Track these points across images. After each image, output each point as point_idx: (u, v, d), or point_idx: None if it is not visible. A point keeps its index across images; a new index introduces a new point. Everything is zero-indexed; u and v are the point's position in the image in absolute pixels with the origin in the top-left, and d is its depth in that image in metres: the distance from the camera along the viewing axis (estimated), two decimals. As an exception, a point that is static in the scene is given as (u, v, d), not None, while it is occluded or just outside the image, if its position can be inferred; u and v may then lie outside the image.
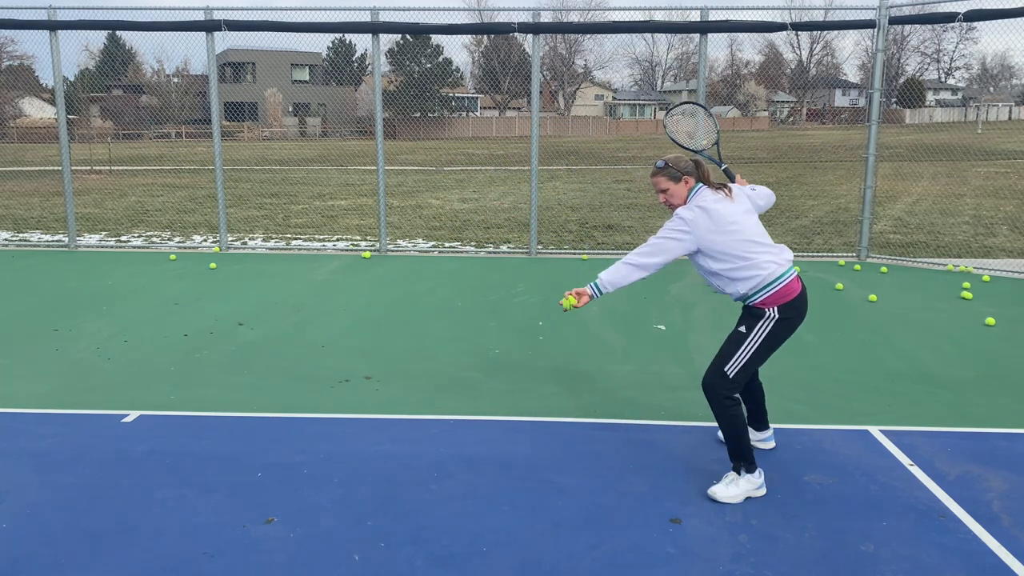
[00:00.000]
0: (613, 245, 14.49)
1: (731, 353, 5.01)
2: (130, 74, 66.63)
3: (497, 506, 4.95)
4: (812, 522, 4.77)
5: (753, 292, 4.96)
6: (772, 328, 4.98)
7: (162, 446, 5.80)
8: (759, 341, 4.98)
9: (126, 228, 16.90)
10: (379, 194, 13.63)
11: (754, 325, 4.99)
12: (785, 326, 5.01)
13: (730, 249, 4.92)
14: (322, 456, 5.63)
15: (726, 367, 4.99)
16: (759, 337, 4.98)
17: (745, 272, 4.93)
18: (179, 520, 4.76)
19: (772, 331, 4.98)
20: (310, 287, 11.07)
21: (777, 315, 4.96)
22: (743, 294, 4.99)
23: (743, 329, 5.02)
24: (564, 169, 30.23)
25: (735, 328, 5.10)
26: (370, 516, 4.82)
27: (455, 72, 71.18)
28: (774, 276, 4.95)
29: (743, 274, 4.93)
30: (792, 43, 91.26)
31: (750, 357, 4.99)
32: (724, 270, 4.96)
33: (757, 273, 4.93)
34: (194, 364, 7.72)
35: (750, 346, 4.98)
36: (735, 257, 4.93)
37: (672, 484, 5.24)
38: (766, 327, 4.97)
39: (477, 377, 7.36)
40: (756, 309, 4.99)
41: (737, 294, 5.02)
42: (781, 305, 4.96)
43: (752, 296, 4.97)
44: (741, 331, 5.03)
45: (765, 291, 4.94)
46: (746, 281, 4.94)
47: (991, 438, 6.03)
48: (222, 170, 13.93)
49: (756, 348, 4.99)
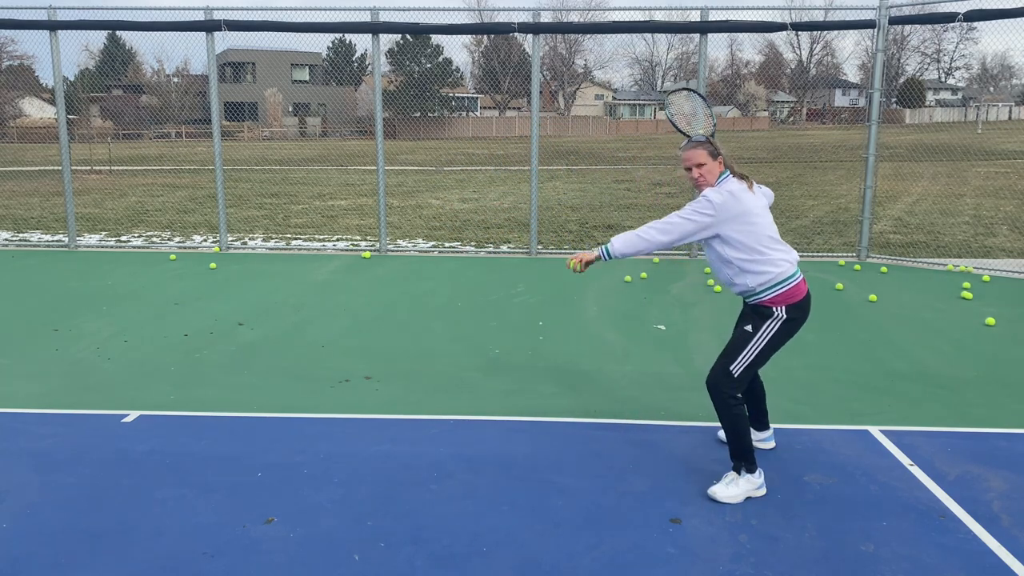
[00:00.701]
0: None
1: (737, 352, 5.00)
2: (130, 74, 66.66)
3: (497, 506, 4.95)
4: (812, 522, 4.77)
5: (762, 288, 4.95)
6: (779, 328, 4.98)
7: (162, 446, 5.79)
8: (765, 341, 4.98)
9: (126, 228, 16.89)
10: (379, 194, 13.63)
11: (760, 325, 4.98)
12: (790, 327, 5.01)
13: (749, 240, 4.91)
14: (322, 456, 5.63)
15: (731, 366, 4.99)
16: (765, 337, 4.98)
17: (759, 267, 4.92)
18: (179, 520, 4.76)
19: (778, 331, 4.99)
20: (310, 287, 11.07)
21: (784, 315, 4.96)
22: (751, 288, 4.98)
23: (749, 328, 5.01)
24: (564, 169, 30.24)
25: (739, 327, 5.10)
26: (370, 516, 4.82)
27: (455, 72, 71.20)
28: (785, 275, 4.95)
29: (757, 268, 4.92)
30: (792, 43, 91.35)
31: (755, 356, 4.99)
32: (739, 260, 4.93)
33: (770, 269, 4.92)
34: (194, 364, 7.72)
35: (756, 345, 4.98)
36: (752, 249, 4.91)
37: (672, 484, 5.24)
38: (773, 327, 4.97)
39: (477, 377, 7.36)
40: (763, 308, 4.98)
41: (745, 288, 5.01)
42: (789, 305, 4.96)
43: (760, 293, 4.97)
44: (747, 330, 5.02)
45: (775, 289, 4.94)
46: (758, 275, 4.93)
47: (991, 438, 6.02)
48: (222, 170, 13.93)
49: (762, 348, 4.99)
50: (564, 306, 9.93)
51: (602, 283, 11.15)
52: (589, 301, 10.16)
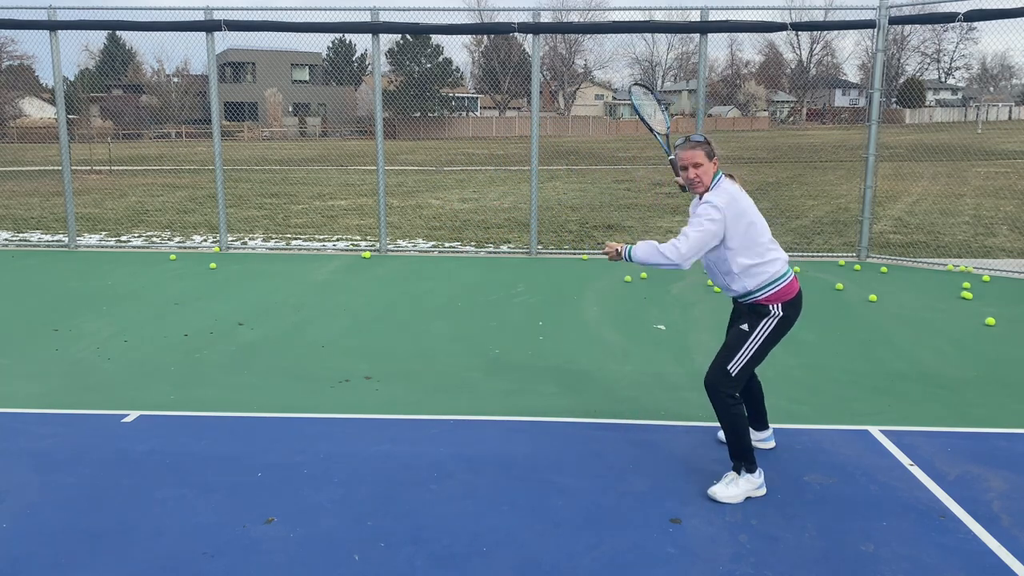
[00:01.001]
0: (613, 245, 14.43)
1: (734, 351, 5.01)
2: (130, 74, 66.67)
3: (497, 506, 4.95)
4: (812, 522, 4.77)
5: (758, 288, 4.97)
6: (775, 325, 5.00)
7: (162, 446, 5.80)
8: (762, 338, 4.99)
9: (126, 228, 16.89)
10: (379, 194, 13.63)
11: (757, 323, 5.00)
12: (785, 324, 5.03)
13: (748, 242, 4.92)
14: (322, 456, 5.63)
15: (729, 365, 4.99)
16: (762, 334, 4.99)
17: (758, 268, 4.94)
18: (179, 520, 4.76)
19: (775, 328, 5.01)
20: (310, 287, 11.07)
21: (780, 312, 4.98)
22: (748, 290, 5.00)
23: (745, 327, 5.03)
24: (564, 169, 30.24)
25: (735, 326, 5.11)
26: (370, 516, 4.82)
27: (455, 72, 71.21)
28: (780, 273, 4.97)
29: (756, 269, 4.95)
30: (792, 43, 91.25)
31: (753, 355, 5.00)
32: (739, 262, 4.94)
33: (767, 269, 4.95)
34: (194, 364, 7.72)
35: (753, 343, 4.99)
36: (751, 251, 4.93)
37: (672, 484, 5.24)
38: (770, 324, 4.99)
39: (477, 377, 7.36)
40: (760, 306, 4.99)
41: (743, 289, 5.02)
42: (784, 302, 4.98)
43: (756, 292, 4.98)
44: (743, 329, 5.03)
45: (771, 287, 4.96)
46: (756, 276, 4.95)
47: (991, 438, 6.03)
48: (222, 170, 13.93)
49: (759, 345, 5.00)
50: (564, 306, 9.93)
51: (602, 283, 11.16)
52: (589, 301, 10.16)
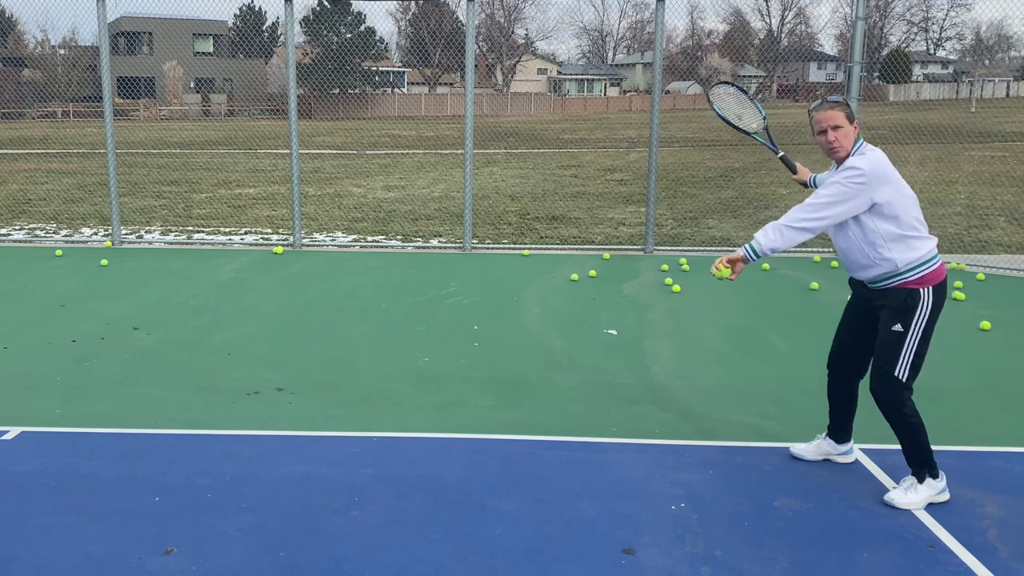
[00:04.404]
0: (559, 239, 14.52)
1: (894, 355, 5.07)
2: (10, 45, 65.69)
3: (427, 535, 4.94)
4: (783, 553, 4.79)
5: (909, 268, 5.00)
6: (929, 313, 5.05)
7: (47, 467, 5.72)
8: (920, 331, 5.06)
9: (6, 220, 16.64)
10: (293, 181, 13.55)
11: (909, 320, 5.04)
12: (936, 310, 5.08)
13: (900, 212, 4.95)
14: (228, 478, 5.59)
15: (896, 371, 5.07)
16: (919, 327, 5.06)
17: (912, 242, 4.97)
18: (66, 551, 4.70)
19: (929, 317, 5.06)
20: (215, 287, 10.98)
21: (931, 298, 5.03)
22: (898, 269, 5.00)
23: (899, 327, 5.06)
24: (502, 153, 30.31)
25: (886, 328, 5.13)
26: (283, 546, 4.79)
27: (379, 43, 70.97)
28: (934, 253, 5.04)
29: (910, 243, 4.97)
30: (761, 10, 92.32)
31: (916, 351, 5.07)
32: (890, 234, 4.96)
33: (922, 245, 5.00)
34: (83, 374, 7.62)
35: (912, 341, 5.05)
36: (904, 222, 4.96)
37: (625, 510, 5.26)
38: (923, 317, 5.04)
39: (404, 389, 7.35)
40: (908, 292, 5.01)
41: (892, 268, 5.01)
42: (935, 286, 5.04)
43: (907, 272, 5.00)
44: (897, 330, 5.06)
45: (924, 268, 5.01)
46: (909, 251, 4.97)
47: (986, 457, 6.08)
48: (115, 154, 13.77)
49: (919, 339, 5.07)
50: (502, 308, 9.94)
51: (545, 282, 11.18)
52: (531, 302, 10.18)
